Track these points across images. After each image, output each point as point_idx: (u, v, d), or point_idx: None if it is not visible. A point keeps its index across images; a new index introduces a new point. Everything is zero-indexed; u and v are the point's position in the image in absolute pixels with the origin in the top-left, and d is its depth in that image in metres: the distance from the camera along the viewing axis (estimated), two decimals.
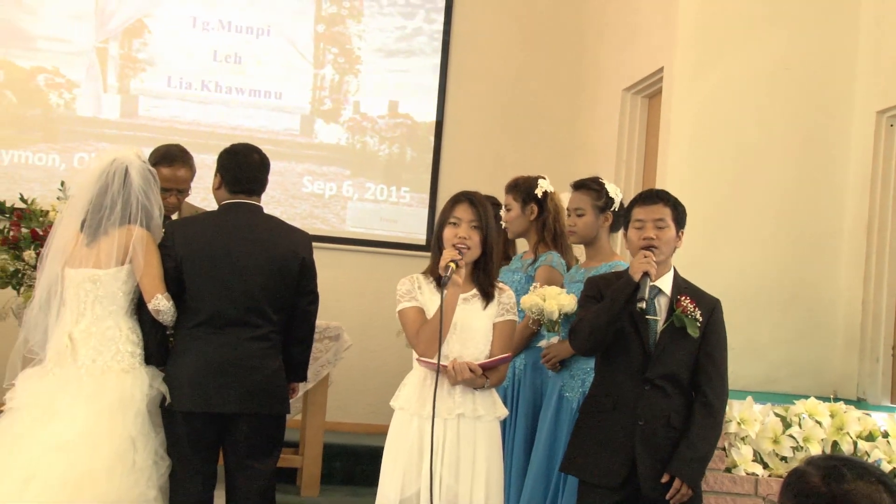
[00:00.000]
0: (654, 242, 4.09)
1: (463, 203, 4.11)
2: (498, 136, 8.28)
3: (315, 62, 8.14)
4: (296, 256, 4.54)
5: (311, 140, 8.12)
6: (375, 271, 8.01)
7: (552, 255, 4.93)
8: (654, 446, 4.02)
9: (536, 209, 5.01)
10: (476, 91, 8.32)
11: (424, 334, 3.98)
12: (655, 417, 4.03)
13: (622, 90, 7.42)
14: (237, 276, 4.43)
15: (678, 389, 4.08)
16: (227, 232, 4.50)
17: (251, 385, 4.39)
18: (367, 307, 7.88)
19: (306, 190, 8.07)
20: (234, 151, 4.66)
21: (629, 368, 4.08)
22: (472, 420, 4.00)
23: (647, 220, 4.13)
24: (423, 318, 4.04)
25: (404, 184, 8.22)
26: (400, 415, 4.06)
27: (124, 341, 4.39)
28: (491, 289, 4.13)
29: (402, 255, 8.01)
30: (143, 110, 7.85)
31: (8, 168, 7.59)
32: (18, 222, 5.63)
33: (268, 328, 4.47)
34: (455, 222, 4.08)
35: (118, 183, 4.43)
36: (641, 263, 4.01)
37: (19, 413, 4.32)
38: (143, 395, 4.34)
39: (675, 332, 4.07)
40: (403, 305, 4.08)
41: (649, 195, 4.22)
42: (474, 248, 4.06)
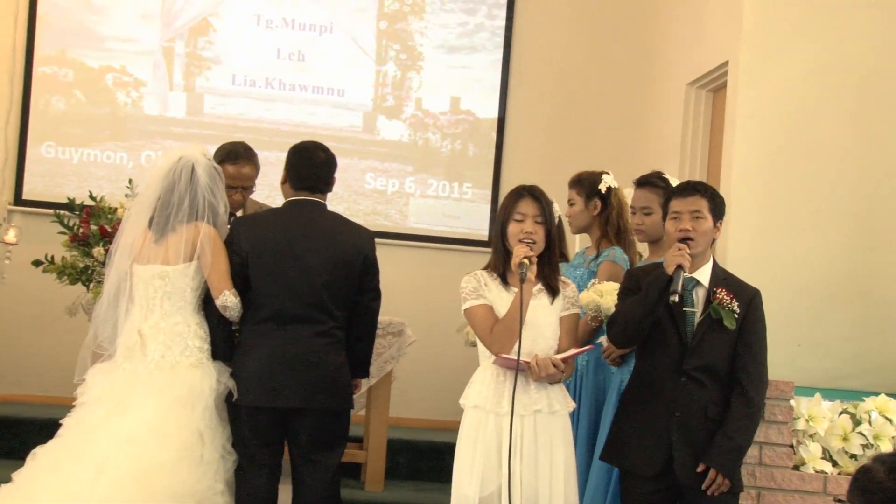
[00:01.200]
0: (690, 234, 4.09)
1: (526, 198, 4.11)
2: (560, 132, 8.25)
3: (377, 59, 8.16)
4: (359, 253, 4.57)
5: (374, 137, 8.14)
6: (437, 267, 8.01)
7: (615, 251, 4.90)
8: (690, 437, 4.03)
9: (600, 204, 4.98)
10: (538, 87, 8.29)
11: (500, 332, 3.98)
12: (692, 408, 4.04)
13: (686, 84, 7.35)
14: (301, 272, 4.46)
15: (716, 381, 4.07)
16: (291, 229, 4.53)
17: (315, 380, 4.42)
18: (429, 303, 7.88)
19: (369, 186, 8.10)
20: (301, 149, 4.69)
21: (667, 360, 4.09)
22: (548, 415, 4.01)
23: (684, 211, 4.13)
24: (493, 315, 4.03)
25: (466, 180, 8.22)
26: (474, 413, 4.04)
27: (192, 337, 4.45)
28: (556, 283, 4.14)
29: (464, 251, 8.01)
30: (207, 108, 7.93)
31: (77, 166, 7.70)
32: (88, 219, 5.71)
33: (331, 324, 4.50)
34: (520, 218, 4.08)
35: (185, 180, 4.49)
36: (675, 256, 4.01)
37: (91, 407, 4.39)
38: (210, 389, 4.40)
39: (712, 324, 4.07)
40: (472, 304, 4.08)
41: (686, 187, 4.22)
42: (539, 243, 4.06)
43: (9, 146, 7.62)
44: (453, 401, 4.22)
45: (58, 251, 5.77)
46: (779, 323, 5.88)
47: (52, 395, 7.20)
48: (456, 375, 4.64)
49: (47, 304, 7.01)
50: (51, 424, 4.57)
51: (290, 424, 4.48)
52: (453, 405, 4.22)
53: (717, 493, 4.00)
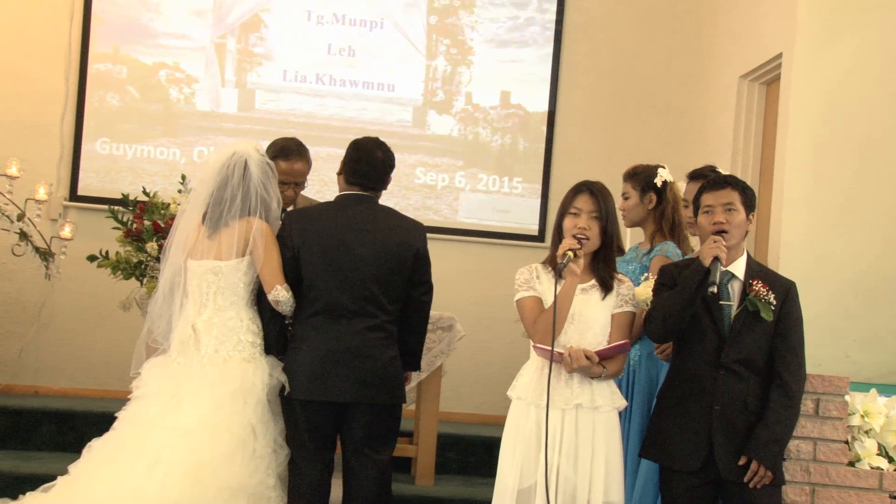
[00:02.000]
0: (724, 227, 4.11)
1: (584, 193, 4.14)
2: (611, 126, 8.21)
3: (427, 54, 8.17)
4: (410, 247, 4.58)
5: (424, 131, 8.15)
6: (487, 262, 8.01)
7: (668, 245, 4.88)
8: (730, 430, 4.04)
9: (655, 198, 4.95)
10: (589, 80, 8.25)
11: (541, 323, 4.00)
12: (732, 402, 4.05)
13: (739, 77, 7.29)
14: (352, 266, 4.49)
15: (754, 373, 4.08)
16: (342, 223, 4.55)
17: (367, 374, 4.44)
18: (479, 297, 7.88)
19: (419, 181, 8.10)
20: (360, 145, 4.70)
21: (704, 354, 4.10)
22: (589, 410, 4.01)
23: (716, 204, 4.15)
24: (541, 307, 4.07)
25: (516, 174, 8.20)
26: (517, 404, 4.08)
27: (245, 331, 4.48)
28: (610, 280, 4.14)
29: (514, 246, 8.00)
30: (259, 104, 7.98)
31: (131, 162, 7.78)
32: (141, 215, 5.76)
33: (383, 318, 4.52)
34: (575, 212, 4.10)
35: (238, 176, 4.51)
36: (711, 248, 4.04)
37: (145, 401, 4.44)
38: (263, 384, 4.43)
39: (749, 317, 4.09)
40: (521, 295, 4.12)
41: (717, 180, 4.24)
42: (594, 239, 4.09)
43: (64, 143, 7.71)
44: (503, 395, 4.23)
45: (112, 246, 5.84)
46: (833, 318, 5.84)
47: (107, 389, 7.29)
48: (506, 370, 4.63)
49: (102, 298, 7.12)
50: (106, 418, 4.63)
51: (343, 418, 4.51)
52: (503, 399, 4.23)
53: (759, 485, 4.01)
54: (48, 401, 6.99)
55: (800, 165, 6.05)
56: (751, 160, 7.20)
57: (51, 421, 6.49)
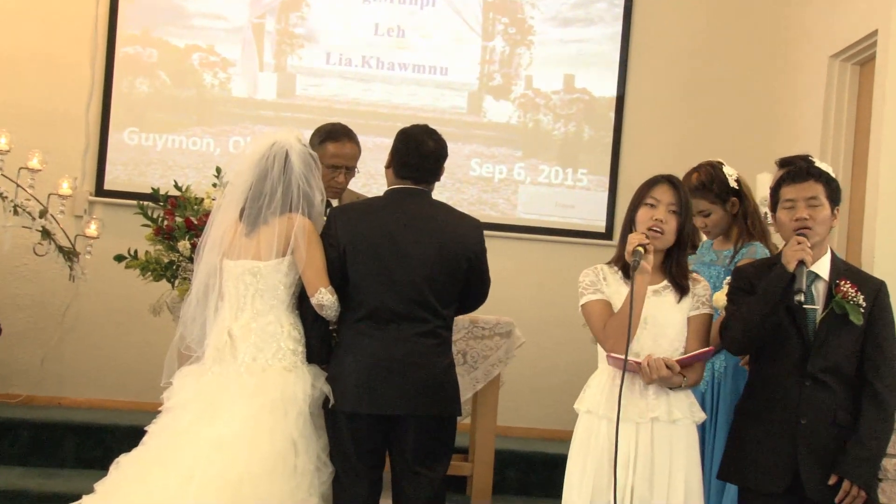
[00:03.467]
0: (807, 223, 4.06)
1: (663, 184, 4.12)
2: (686, 112, 8.16)
3: (484, 34, 8.17)
4: (466, 246, 4.59)
5: (480, 119, 8.15)
6: (550, 262, 8.00)
7: (756, 247, 4.83)
8: (818, 447, 3.99)
9: (737, 201, 4.91)
10: (661, 62, 8.21)
11: (612, 328, 3.98)
12: (819, 415, 4.01)
13: (829, 57, 7.23)
14: (403, 267, 4.50)
15: (842, 383, 4.04)
16: (392, 219, 4.56)
17: (419, 384, 4.45)
18: (541, 301, 7.88)
19: (474, 173, 8.11)
20: (409, 134, 4.71)
21: (788, 363, 4.06)
22: (667, 424, 3.99)
23: (799, 199, 4.10)
24: (610, 311, 4.05)
25: (581, 165, 8.18)
26: (587, 418, 4.06)
27: (286, 338, 4.51)
28: (685, 280, 4.12)
29: (579, 244, 7.99)
30: (300, 89, 8.02)
31: (161, 153, 7.85)
32: (173, 211, 5.80)
33: (436, 323, 4.54)
34: (653, 203, 4.08)
35: (278, 168, 4.54)
36: (795, 251, 3.97)
37: (178, 413, 4.47)
38: (305, 395, 4.44)
39: (836, 321, 4.04)
40: (588, 298, 4.10)
41: (798, 171, 4.17)
42: (668, 235, 4.06)
43: (90, 133, 7.79)
44: (568, 408, 4.21)
45: (141, 245, 5.88)
46: None
47: (136, 401, 7.37)
48: (571, 380, 4.62)
49: (130, 302, 7.18)
50: (135, 432, 4.64)
51: (392, 433, 4.52)
52: (568, 412, 4.21)
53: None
54: (73, 413, 7.08)
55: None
56: (842, 149, 7.14)
57: (76, 435, 6.58)
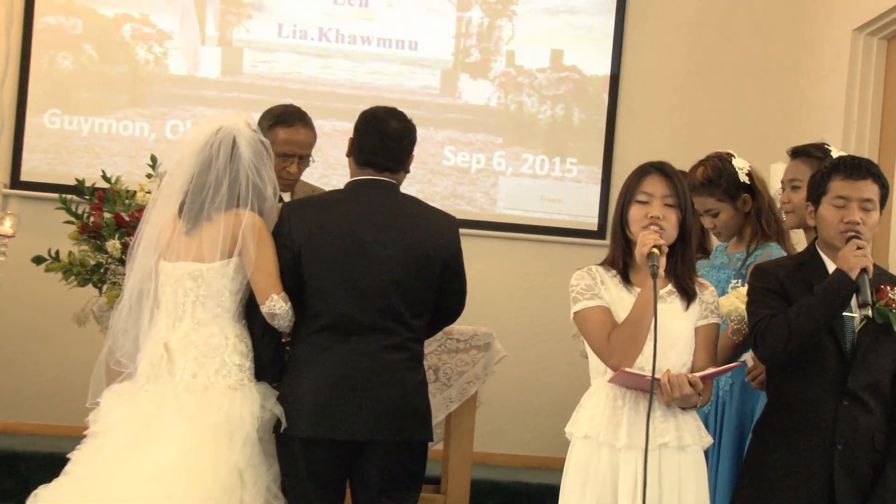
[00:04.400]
0: (859, 229, 4.08)
1: (652, 175, 4.11)
2: (691, 94, 8.19)
3: (459, 3, 8.17)
4: (440, 246, 4.60)
5: (455, 100, 8.16)
6: (535, 264, 8.01)
7: (771, 248, 4.86)
8: (857, 475, 4.00)
9: (750, 198, 4.93)
10: (663, 36, 8.24)
11: (621, 339, 3.97)
12: (858, 439, 4.02)
13: (853, 31, 7.29)
14: (367, 270, 4.49)
15: (881, 402, 4.07)
16: (354, 215, 4.56)
17: (386, 405, 4.45)
18: (524, 308, 7.88)
19: (448, 163, 8.11)
20: (370, 116, 4.72)
21: (824, 378, 4.06)
22: (675, 451, 4.00)
23: (853, 198, 4.11)
24: (612, 319, 4.04)
25: (571, 154, 8.20)
26: (584, 445, 4.04)
27: (231, 352, 4.50)
28: (692, 283, 4.13)
29: (568, 244, 7.99)
30: (248, 66, 8.00)
31: (88, 139, 7.82)
32: (100, 206, 5.76)
33: (405, 335, 4.54)
34: (644, 199, 4.07)
35: (224, 157, 4.53)
36: (857, 257, 3.98)
37: (106, 438, 4.45)
38: (253, 417, 4.43)
39: (877, 331, 4.06)
40: (584, 305, 4.08)
41: (857, 167, 4.17)
42: (670, 231, 4.06)
43: (4, 115, 7.75)
44: (557, 431, 4.21)
45: (64, 245, 5.84)
46: None
47: (56, 424, 7.33)
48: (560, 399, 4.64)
49: (51, 310, 7.13)
50: (56, 460, 4.62)
51: (354, 461, 4.51)
52: (557, 437, 4.21)
53: None
54: None
55: None
56: (867, 133, 7.23)
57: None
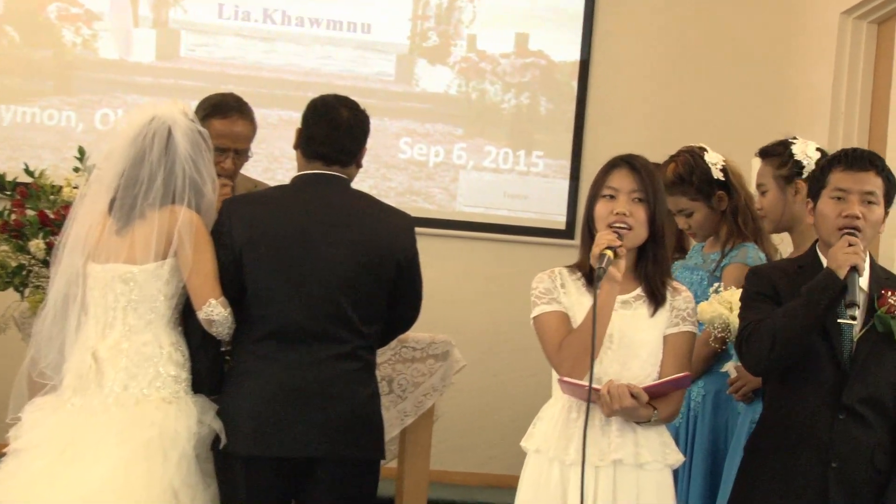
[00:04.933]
0: (858, 223, 4.07)
1: (619, 169, 4.12)
2: (668, 81, 8.22)
3: None
4: (394, 246, 4.61)
5: (411, 88, 8.16)
6: (498, 266, 8.02)
7: (747, 248, 4.92)
8: (853, 495, 4.01)
9: (725, 195, 4.97)
10: (636, 19, 8.26)
11: (570, 348, 3.98)
12: (855, 457, 4.02)
13: (841, 14, 7.33)
14: (314, 272, 4.49)
15: (882, 417, 4.07)
16: (300, 213, 4.56)
17: (335, 420, 4.45)
18: (486, 314, 7.89)
19: (404, 156, 8.11)
20: (318, 105, 4.73)
21: (818, 390, 4.06)
22: (632, 469, 4.00)
23: (853, 190, 4.10)
24: (568, 326, 4.06)
25: (537, 147, 8.21)
26: (536, 460, 4.07)
27: (166, 362, 4.48)
28: (662, 288, 4.13)
29: (534, 244, 8.02)
30: (185, 50, 7.98)
31: (10, 129, 7.77)
32: (22, 202, 5.74)
33: (355, 343, 4.54)
34: (610, 194, 4.08)
35: (159, 149, 4.51)
36: (847, 254, 3.97)
37: (29, 455, 4.41)
38: (189, 433, 4.42)
39: (877, 340, 4.05)
40: (541, 310, 4.11)
41: (858, 158, 4.16)
42: (638, 229, 4.06)
43: None
44: (519, 448, 4.20)
45: None
46: None
47: None
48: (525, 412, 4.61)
49: None
50: None
51: (300, 481, 4.51)
52: (520, 454, 4.20)
53: None
54: None
55: None
56: (856, 122, 7.28)
57: None
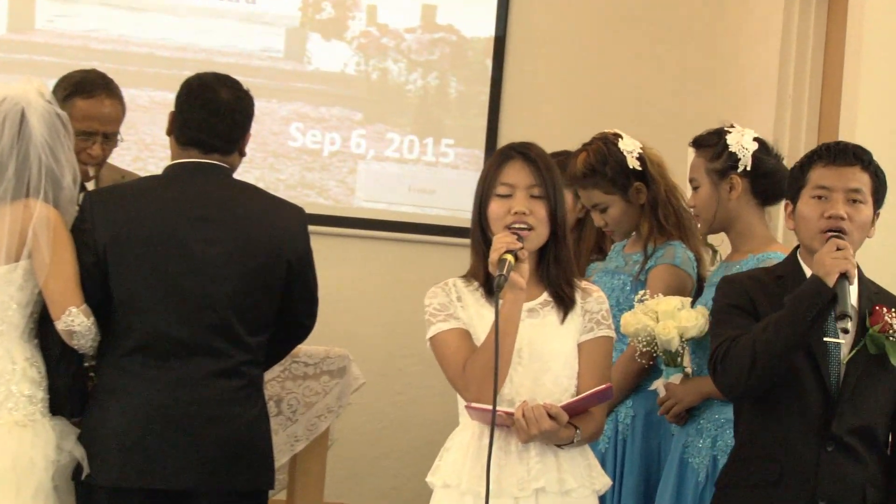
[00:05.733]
0: (843, 224, 4.05)
1: (513, 161, 4.08)
2: (593, 60, 8.26)
3: None
4: (284, 245, 4.60)
5: (303, 67, 8.15)
6: (403, 269, 8.04)
7: (674, 247, 4.96)
8: None
9: (644, 187, 5.01)
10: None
11: (475, 369, 3.94)
12: (845, 494, 4.02)
13: None
14: (192, 276, 4.47)
15: (873, 449, 4.08)
16: (176, 208, 4.53)
17: (215, 446, 4.43)
18: (389, 325, 7.90)
19: (295, 144, 8.09)
20: (195, 84, 4.70)
21: (803, 419, 4.05)
22: (557, 496, 3.98)
23: (837, 188, 4.09)
24: (470, 345, 4.04)
25: (447, 134, 8.22)
26: (445, 496, 4.06)
27: (19, 379, 4.44)
28: (569, 290, 4.12)
29: (444, 245, 8.01)
30: (42, 21, 7.91)
31: None
32: None
33: (239, 357, 4.52)
34: (505, 192, 4.05)
35: (10, 135, 4.47)
36: (836, 259, 3.94)
37: None
38: (47, 462, 4.39)
39: (869, 363, 4.05)
40: (438, 328, 4.08)
41: (841, 151, 4.16)
42: (539, 228, 4.03)
43: None
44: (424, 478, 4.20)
45: None
46: None
47: None
48: (432, 438, 4.61)
49: None
50: None
51: None
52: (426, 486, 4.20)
53: None
54: None
55: (877, 114, 6.14)
56: (805, 106, 7.36)
57: None
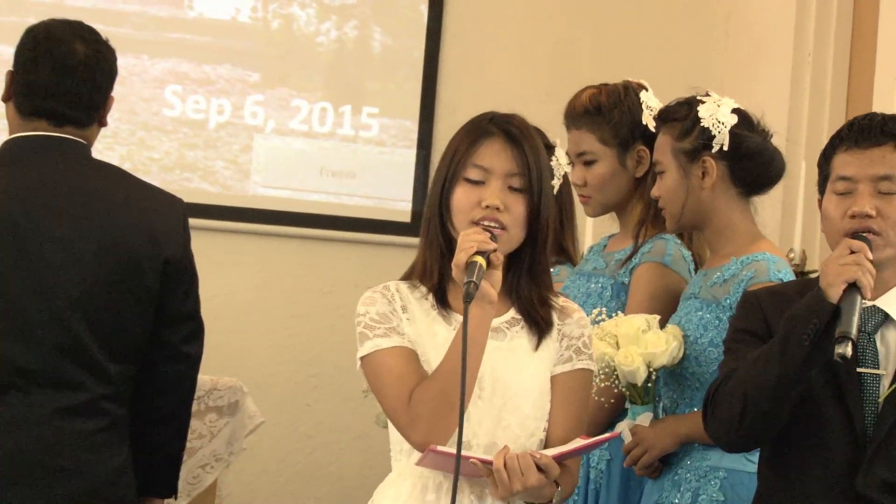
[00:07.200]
0: (872, 224, 4.03)
1: (492, 140, 4.03)
2: (557, 8, 8.27)
3: None
4: (157, 243, 4.59)
5: (182, 13, 8.17)
6: (313, 275, 8.06)
7: (665, 242, 4.98)
8: None
9: (647, 155, 5.00)
10: None
11: (426, 401, 3.90)
12: None
13: None
14: (35, 284, 4.47)
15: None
16: (15, 196, 4.53)
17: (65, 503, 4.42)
18: (296, 347, 7.89)
19: (172, 113, 8.12)
20: (40, 35, 4.68)
21: (826, 470, 4.06)
22: None
23: (861, 177, 4.07)
24: (418, 368, 3.98)
25: (369, 101, 8.26)
26: None
27: None
28: (544, 308, 4.09)
29: (366, 244, 8.08)
30: None
31: None
32: None
33: (97, 390, 4.50)
34: (477, 178, 4.00)
35: None
36: (844, 266, 3.91)
37: None
38: None
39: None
40: (376, 345, 4.01)
41: (866, 130, 4.13)
42: (513, 231, 3.99)
43: None
44: None
45: None
46: None
47: None
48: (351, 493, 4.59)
49: None
50: None
51: None
52: None
53: None
54: None
55: None
56: (830, 71, 7.43)
57: None
